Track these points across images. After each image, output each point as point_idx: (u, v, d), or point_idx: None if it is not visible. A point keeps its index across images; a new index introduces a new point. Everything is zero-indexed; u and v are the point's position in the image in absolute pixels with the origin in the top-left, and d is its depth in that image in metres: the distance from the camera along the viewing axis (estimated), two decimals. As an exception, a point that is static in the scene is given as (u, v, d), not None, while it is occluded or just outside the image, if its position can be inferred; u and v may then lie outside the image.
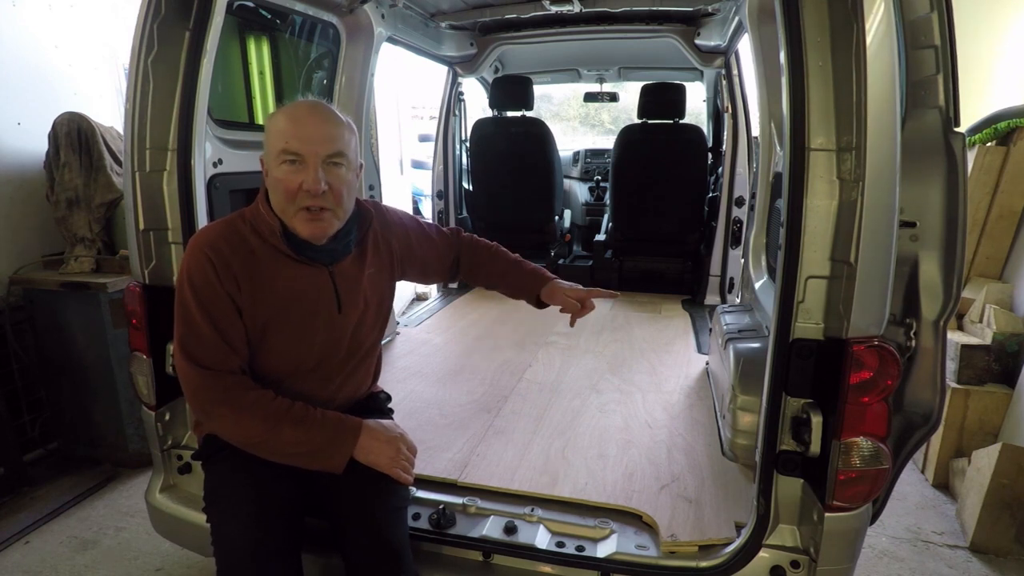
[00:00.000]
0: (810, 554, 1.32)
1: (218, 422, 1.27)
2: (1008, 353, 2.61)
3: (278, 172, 1.24)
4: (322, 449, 1.28)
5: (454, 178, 4.08)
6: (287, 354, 1.34)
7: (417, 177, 9.93)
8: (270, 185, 1.28)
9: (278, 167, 1.24)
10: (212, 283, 1.24)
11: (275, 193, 1.27)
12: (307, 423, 1.27)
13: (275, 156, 1.24)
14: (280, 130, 1.24)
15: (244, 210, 1.36)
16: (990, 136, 2.89)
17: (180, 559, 2.21)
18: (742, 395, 1.74)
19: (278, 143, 1.23)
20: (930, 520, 2.51)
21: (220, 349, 1.25)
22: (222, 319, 1.25)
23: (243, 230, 1.31)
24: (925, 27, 1.22)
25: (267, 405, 1.25)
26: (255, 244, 1.30)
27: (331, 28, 2.58)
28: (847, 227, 1.16)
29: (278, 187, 1.25)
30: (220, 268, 1.25)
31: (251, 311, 1.28)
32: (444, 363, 2.71)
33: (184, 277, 1.26)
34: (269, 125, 1.27)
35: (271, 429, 1.24)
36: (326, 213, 1.28)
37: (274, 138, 1.24)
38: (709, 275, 3.72)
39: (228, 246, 1.28)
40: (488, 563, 1.47)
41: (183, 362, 1.24)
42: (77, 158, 2.74)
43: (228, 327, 1.26)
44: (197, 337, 1.24)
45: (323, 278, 1.36)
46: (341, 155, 1.27)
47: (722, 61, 3.40)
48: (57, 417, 2.88)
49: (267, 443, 1.26)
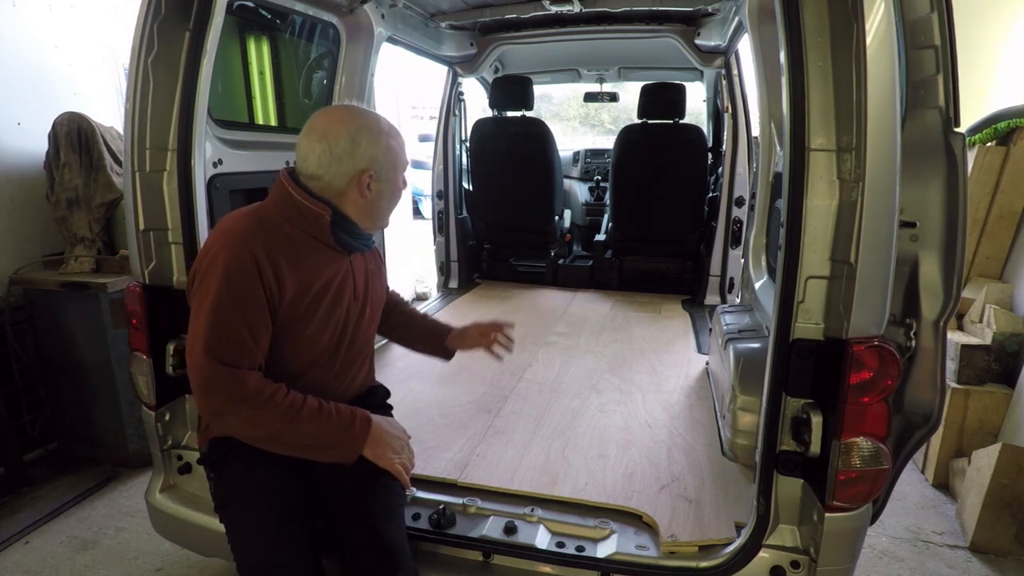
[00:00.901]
0: (810, 554, 1.32)
1: (233, 419, 1.24)
2: (1008, 353, 2.61)
3: (402, 183, 1.43)
4: (337, 442, 1.31)
5: (454, 178, 4.08)
6: (307, 345, 1.37)
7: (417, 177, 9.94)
8: (392, 196, 1.42)
9: (403, 178, 1.42)
10: (254, 283, 1.23)
11: (392, 202, 1.44)
12: (322, 416, 1.29)
13: (402, 169, 1.42)
14: (398, 146, 1.39)
15: (264, 203, 1.36)
16: (990, 136, 2.89)
17: (180, 559, 2.21)
18: (742, 395, 1.74)
19: (403, 157, 1.40)
20: (930, 520, 2.51)
21: (248, 348, 1.25)
22: (255, 318, 1.25)
23: (277, 222, 1.32)
24: (925, 27, 1.22)
25: (283, 400, 1.26)
26: (295, 236, 1.32)
27: (331, 28, 2.58)
28: (847, 227, 1.16)
29: (397, 193, 1.43)
30: (264, 266, 1.24)
31: (290, 303, 1.30)
32: (444, 363, 2.70)
33: (221, 272, 1.22)
34: (388, 141, 1.36)
35: (289, 423, 1.25)
36: None
37: (399, 153, 1.39)
38: (709, 275, 3.72)
39: (273, 241, 1.28)
40: (488, 563, 1.47)
41: (203, 358, 1.20)
42: (77, 158, 2.74)
43: (259, 326, 1.26)
44: (227, 334, 1.22)
45: (345, 264, 1.43)
46: None
47: (722, 61, 3.40)
48: (57, 417, 2.88)
49: (281, 437, 1.26)
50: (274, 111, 2.48)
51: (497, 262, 4.39)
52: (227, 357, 1.22)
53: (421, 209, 10.55)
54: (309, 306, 1.34)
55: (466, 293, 3.98)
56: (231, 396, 1.22)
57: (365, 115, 1.35)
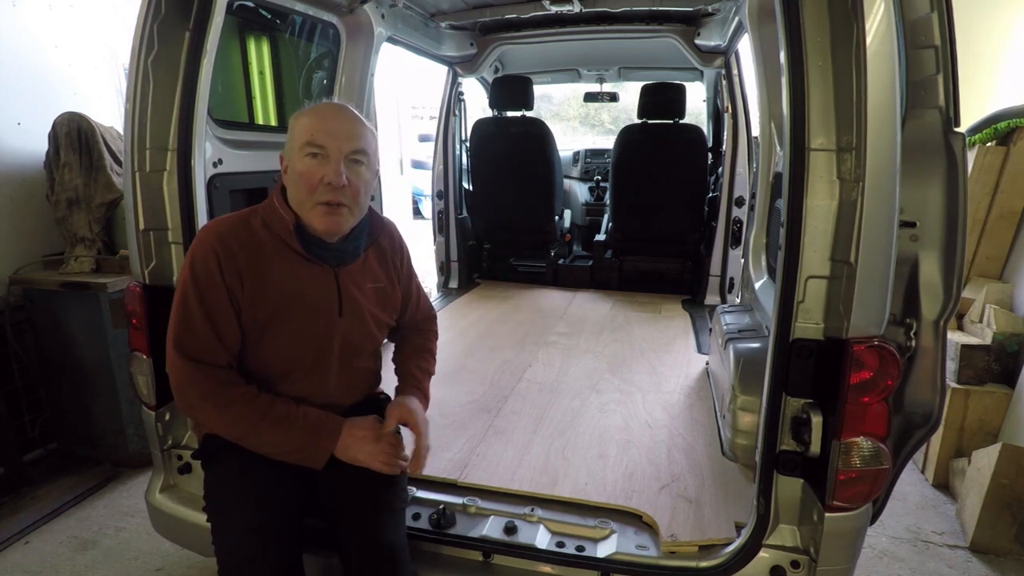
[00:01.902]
0: (810, 554, 1.32)
1: (201, 415, 1.28)
2: (1008, 353, 2.61)
3: (301, 165, 1.26)
4: (302, 448, 1.29)
5: (454, 178, 4.08)
6: (284, 352, 1.34)
7: (417, 177, 9.94)
8: (290, 179, 1.29)
9: (301, 160, 1.26)
10: (214, 275, 1.25)
11: (295, 186, 1.28)
12: (288, 422, 1.28)
13: (299, 149, 1.26)
14: (305, 124, 1.26)
15: (258, 206, 1.37)
16: (990, 136, 2.89)
17: (180, 559, 2.21)
18: (742, 395, 1.74)
19: (302, 136, 1.25)
20: (930, 520, 2.51)
21: (211, 342, 1.25)
22: (217, 312, 1.26)
23: (254, 224, 1.32)
24: (925, 27, 1.22)
25: (250, 402, 1.26)
26: (265, 239, 1.31)
27: (331, 28, 2.58)
28: (847, 227, 1.16)
29: (299, 180, 1.26)
30: (225, 261, 1.26)
31: (252, 307, 1.29)
32: (444, 363, 2.69)
33: (187, 266, 1.27)
34: (294, 122, 1.29)
35: (253, 427, 1.25)
36: (343, 209, 1.29)
37: (299, 132, 1.26)
38: (709, 275, 3.72)
39: (236, 240, 1.28)
40: (488, 563, 1.47)
41: (172, 351, 1.25)
42: (77, 158, 2.74)
43: (222, 321, 1.26)
44: (190, 327, 1.25)
45: (328, 279, 1.37)
46: (363, 153, 1.30)
47: (722, 61, 3.40)
48: (57, 417, 2.88)
49: (248, 439, 1.27)
50: (274, 111, 2.48)
51: (497, 262, 4.39)
52: (192, 351, 1.24)
53: (421, 209, 10.56)
54: (277, 313, 1.31)
55: (466, 293, 3.98)
56: (194, 390, 1.25)
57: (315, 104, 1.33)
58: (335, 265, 1.37)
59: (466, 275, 4.21)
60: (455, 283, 4.14)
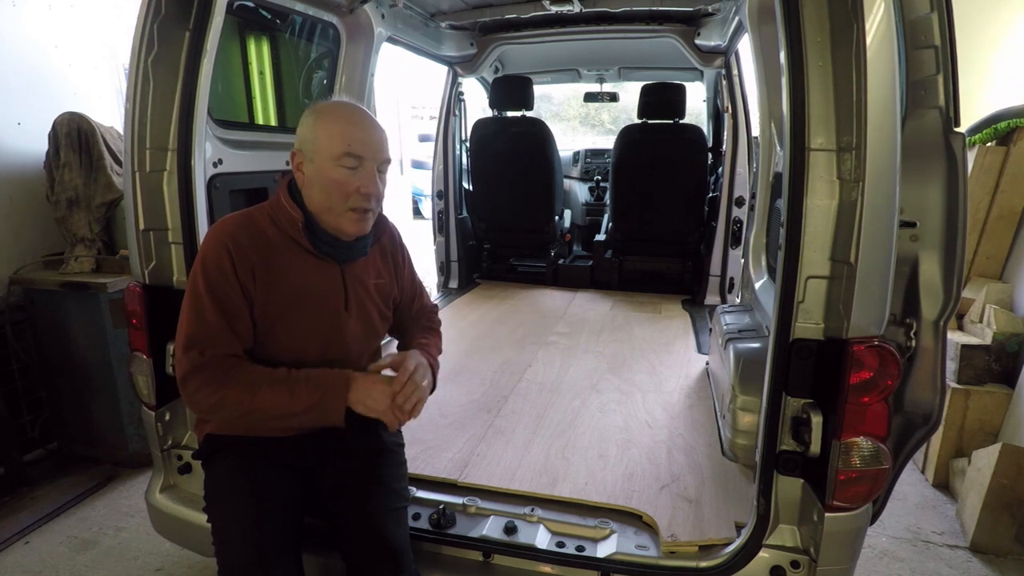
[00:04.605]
0: (810, 554, 1.32)
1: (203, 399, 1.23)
2: (1008, 353, 2.61)
3: (336, 173, 1.26)
4: (317, 405, 1.27)
5: (454, 178, 4.09)
6: (291, 347, 1.35)
7: (417, 177, 9.94)
8: (316, 183, 1.28)
9: (336, 168, 1.26)
10: (227, 272, 1.25)
11: (323, 192, 1.28)
12: (289, 382, 1.26)
13: (335, 157, 1.25)
14: (341, 132, 1.26)
15: (263, 204, 1.37)
16: (990, 136, 2.89)
17: (180, 559, 2.21)
18: (742, 395, 1.74)
19: (339, 146, 1.25)
20: (930, 520, 2.51)
21: (226, 337, 1.25)
22: (232, 308, 1.26)
23: (261, 222, 1.33)
24: (925, 27, 1.22)
25: (250, 368, 1.26)
26: (272, 236, 1.32)
27: (331, 28, 2.58)
28: (847, 227, 1.16)
29: (332, 187, 1.27)
30: (237, 258, 1.26)
31: (264, 302, 1.29)
32: (444, 363, 2.68)
33: (199, 266, 1.27)
34: (323, 127, 1.27)
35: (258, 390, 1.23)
36: (369, 214, 1.33)
37: (335, 140, 1.25)
38: (709, 275, 3.72)
39: (247, 237, 1.29)
40: (488, 563, 1.47)
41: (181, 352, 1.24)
42: (77, 158, 2.74)
43: (236, 317, 1.27)
44: (203, 323, 1.24)
45: (335, 275, 1.39)
46: (389, 162, 1.36)
47: (722, 61, 3.40)
48: (57, 417, 2.88)
49: (257, 410, 1.24)
50: (274, 111, 2.48)
51: (497, 262, 4.39)
52: (206, 347, 1.24)
53: (421, 209, 10.56)
54: (287, 308, 1.32)
55: (466, 293, 3.98)
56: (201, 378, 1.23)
57: (328, 102, 1.34)
58: (342, 261, 1.39)
59: (466, 275, 4.21)
60: (455, 283, 4.14)
